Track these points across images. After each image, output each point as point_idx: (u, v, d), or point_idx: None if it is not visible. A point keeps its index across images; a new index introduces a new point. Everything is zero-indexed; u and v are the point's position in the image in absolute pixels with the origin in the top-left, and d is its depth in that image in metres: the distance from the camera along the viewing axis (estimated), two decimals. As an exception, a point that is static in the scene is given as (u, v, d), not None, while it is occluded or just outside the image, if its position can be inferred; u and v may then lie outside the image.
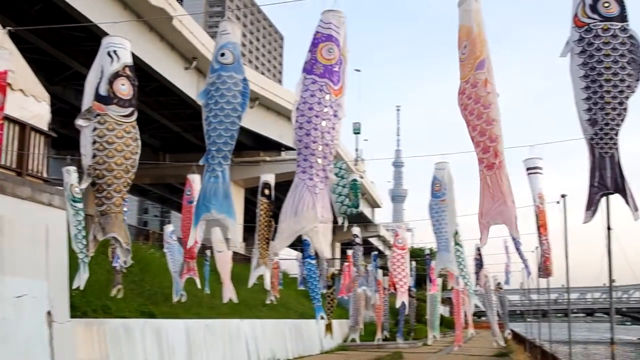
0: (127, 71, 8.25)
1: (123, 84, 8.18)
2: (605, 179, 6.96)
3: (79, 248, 12.32)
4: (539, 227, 13.38)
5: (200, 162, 8.13)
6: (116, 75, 8.17)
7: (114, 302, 16.44)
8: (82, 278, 12.30)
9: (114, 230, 8.02)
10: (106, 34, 9.03)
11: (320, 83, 7.75)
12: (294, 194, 7.65)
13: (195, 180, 13.79)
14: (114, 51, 8.33)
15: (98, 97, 8.10)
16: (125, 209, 9.25)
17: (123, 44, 8.48)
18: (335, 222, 12.17)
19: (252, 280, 11.51)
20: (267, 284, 12.62)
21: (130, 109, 8.14)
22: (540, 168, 12.99)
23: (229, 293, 13.16)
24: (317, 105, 7.68)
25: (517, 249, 15.33)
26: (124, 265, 13.90)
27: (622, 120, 6.92)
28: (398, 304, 19.99)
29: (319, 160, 7.72)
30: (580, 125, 7.11)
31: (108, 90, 8.07)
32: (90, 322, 15.16)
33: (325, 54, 7.90)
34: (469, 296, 21.94)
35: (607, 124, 6.93)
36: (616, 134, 6.93)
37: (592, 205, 7.10)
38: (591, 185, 7.04)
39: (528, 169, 12.95)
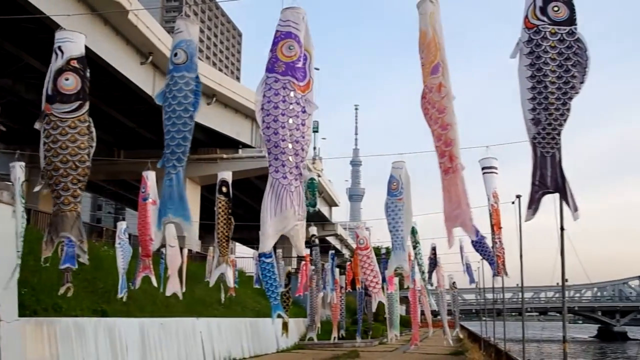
0: (74, 64, 8.04)
1: (67, 79, 8.00)
2: (546, 178, 7.08)
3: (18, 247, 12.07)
4: (492, 226, 13.53)
5: (158, 165, 8.06)
6: (60, 72, 8.02)
7: (65, 300, 16.11)
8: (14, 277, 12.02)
9: (66, 230, 7.90)
10: (59, 27, 8.81)
11: (283, 81, 7.73)
12: (271, 194, 7.66)
13: (149, 177, 13.62)
14: (59, 47, 8.17)
15: (46, 98, 8.00)
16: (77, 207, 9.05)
17: (69, 37, 8.27)
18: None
19: (213, 279, 11.44)
20: (230, 282, 12.53)
21: (77, 103, 7.94)
22: (495, 168, 13.17)
23: (174, 288, 13.00)
24: (282, 103, 7.67)
25: (480, 249, 15.56)
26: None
27: (564, 120, 7.05)
28: (374, 307, 20.06)
29: (291, 158, 7.71)
30: (524, 124, 7.26)
31: (52, 88, 7.94)
32: (40, 321, 14.84)
33: (286, 51, 7.87)
34: (427, 295, 22.17)
35: (549, 124, 7.06)
36: (558, 134, 7.07)
37: (533, 204, 7.22)
38: (532, 184, 7.16)
39: (483, 168, 13.12)
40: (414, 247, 18.69)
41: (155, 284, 16.31)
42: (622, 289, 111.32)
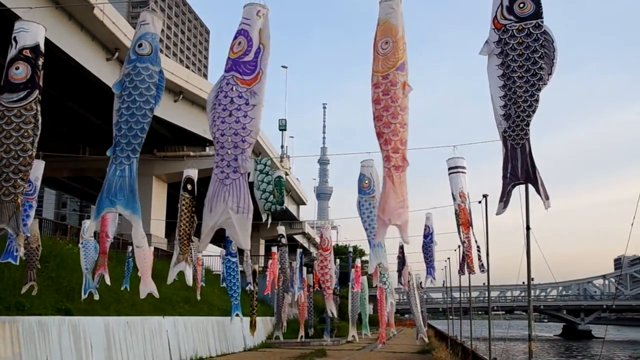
0: (26, 53, 7.97)
1: (17, 68, 7.92)
2: (517, 170, 7.30)
3: None
4: (459, 225, 13.66)
5: (108, 153, 8.01)
6: (11, 62, 7.97)
7: (28, 299, 15.98)
8: None
9: (3, 222, 7.68)
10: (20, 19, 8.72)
11: (227, 77, 7.89)
12: (209, 191, 7.73)
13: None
14: (14, 37, 8.14)
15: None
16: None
17: (25, 27, 8.23)
18: (259, 218, 12.17)
19: (171, 276, 11.35)
20: (189, 280, 12.48)
21: (25, 92, 7.86)
22: (462, 167, 13.30)
23: (147, 288, 12.91)
24: (224, 98, 7.80)
25: (425, 251, 15.74)
26: (22, 257, 13.41)
27: (532, 111, 7.31)
28: (329, 312, 20.14)
29: (229, 151, 7.75)
30: (495, 120, 7.50)
31: (4, 79, 7.88)
32: (2, 320, 14.69)
33: (235, 48, 8.04)
34: (386, 295, 22.33)
35: (519, 117, 7.34)
36: (527, 125, 7.31)
37: (504, 197, 7.40)
38: (504, 177, 7.35)
39: (450, 168, 13.25)
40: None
41: (108, 282, 16.21)
42: (586, 287, 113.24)
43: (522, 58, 7.30)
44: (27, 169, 7.93)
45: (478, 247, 14.34)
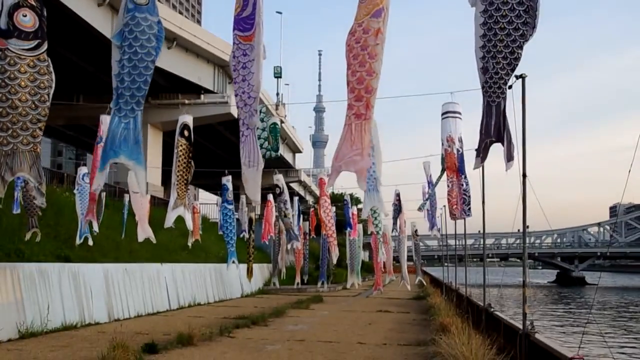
0: (31, 1, 7.84)
1: (25, 15, 7.81)
2: (490, 128, 7.37)
3: None
4: (443, 169, 13.67)
5: (111, 105, 8.08)
6: (16, 6, 7.79)
7: (28, 246, 16.22)
8: None
9: (23, 170, 7.71)
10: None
11: (233, 37, 7.94)
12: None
13: (105, 121, 13.68)
14: None
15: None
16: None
17: None
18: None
19: (169, 220, 11.47)
20: (189, 224, 12.66)
21: (36, 41, 7.78)
22: (454, 112, 13.31)
23: (145, 233, 13.13)
24: (234, 59, 7.88)
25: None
26: (41, 206, 13.60)
27: (512, 70, 7.26)
28: (334, 259, 20.39)
29: (243, 110, 7.91)
30: (477, 73, 7.47)
31: (8, 23, 7.70)
32: (3, 266, 14.95)
33: (235, 4, 8.05)
34: (379, 243, 22.60)
35: (496, 73, 7.27)
36: (505, 83, 7.29)
37: (480, 152, 7.53)
38: (480, 133, 7.45)
39: (442, 113, 13.30)
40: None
41: (96, 229, 16.40)
42: (581, 235, 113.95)
43: (507, 7, 7.15)
44: (44, 120, 7.88)
45: (465, 191, 14.14)
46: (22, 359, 11.74)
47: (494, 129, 7.33)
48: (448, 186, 13.93)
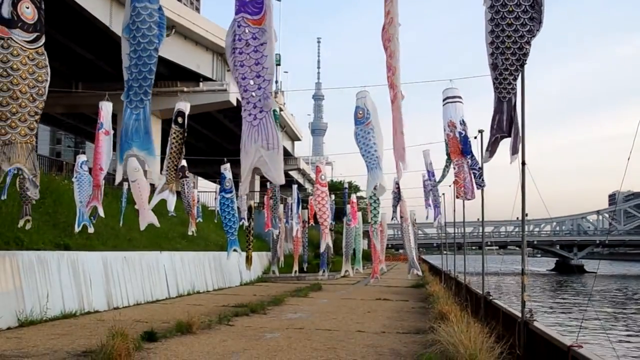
0: None
1: (27, 7, 7.81)
2: (502, 123, 7.41)
3: None
4: (448, 155, 13.64)
5: (122, 98, 8.11)
6: None
7: (27, 234, 16.24)
8: None
9: (20, 161, 7.72)
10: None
11: (237, 20, 7.88)
12: (242, 135, 7.88)
13: (105, 108, 13.69)
14: None
15: (0, 20, 7.72)
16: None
17: None
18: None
19: (152, 203, 11.63)
20: (170, 207, 12.74)
21: (35, 34, 7.78)
22: (454, 97, 13.25)
23: (147, 219, 13.14)
24: (239, 42, 7.83)
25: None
26: (34, 198, 13.63)
27: (520, 65, 7.29)
28: (322, 247, 20.38)
29: (254, 93, 7.87)
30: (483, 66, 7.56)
31: (11, 12, 7.70)
32: (2, 255, 14.97)
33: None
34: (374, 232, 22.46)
35: (506, 69, 7.31)
36: (514, 79, 7.33)
37: (490, 146, 7.57)
38: (491, 128, 7.50)
39: (443, 100, 13.27)
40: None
41: (102, 214, 16.41)
42: (580, 223, 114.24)
43: (513, 3, 7.19)
44: (40, 113, 7.93)
45: (473, 167, 13.95)
46: (21, 347, 11.76)
47: (506, 124, 7.37)
48: (455, 169, 13.83)
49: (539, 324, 9.49)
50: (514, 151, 7.40)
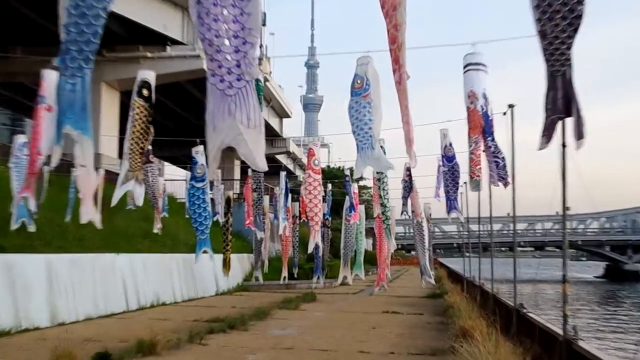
0: None
1: None
2: (557, 101, 7.25)
3: None
4: (468, 130, 13.59)
5: (56, 63, 7.97)
6: None
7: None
8: None
9: None
10: None
11: None
12: (208, 106, 7.67)
13: (47, 78, 13.54)
14: None
15: None
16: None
17: None
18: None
19: (116, 197, 11.51)
20: (138, 201, 12.66)
21: None
22: (476, 64, 13.20)
23: (89, 214, 13.07)
24: None
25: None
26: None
27: (574, 31, 7.09)
28: (311, 248, 20.28)
29: (228, 57, 7.72)
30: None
31: None
32: None
33: None
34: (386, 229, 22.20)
35: (556, 38, 7.12)
36: (568, 49, 7.14)
37: (545, 130, 7.40)
38: (545, 109, 7.33)
39: (464, 67, 13.20)
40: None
41: (33, 207, 16.33)
42: (635, 218, 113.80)
43: None
44: None
45: (496, 155, 13.90)
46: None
47: (562, 102, 7.22)
48: (470, 146, 13.73)
49: (584, 344, 9.48)
50: (580, 135, 7.21)
